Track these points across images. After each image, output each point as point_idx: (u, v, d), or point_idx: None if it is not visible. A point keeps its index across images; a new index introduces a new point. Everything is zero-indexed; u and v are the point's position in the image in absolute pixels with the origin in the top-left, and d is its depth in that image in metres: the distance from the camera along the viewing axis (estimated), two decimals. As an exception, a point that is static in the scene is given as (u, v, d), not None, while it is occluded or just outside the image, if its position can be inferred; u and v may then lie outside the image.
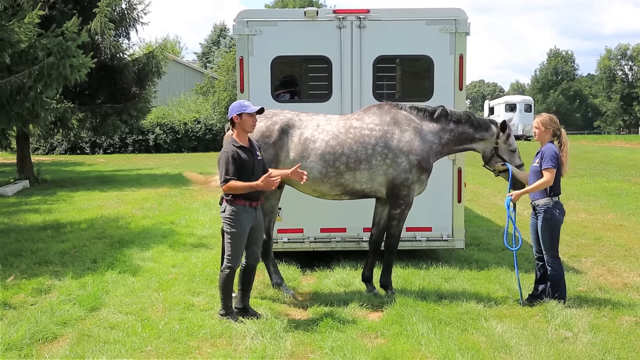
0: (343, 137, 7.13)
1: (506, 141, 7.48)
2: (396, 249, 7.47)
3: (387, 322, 6.34)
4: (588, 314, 6.63)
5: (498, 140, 7.46)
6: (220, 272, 6.45)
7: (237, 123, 6.37)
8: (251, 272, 6.61)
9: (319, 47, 8.74)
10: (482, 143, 7.53)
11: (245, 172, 6.24)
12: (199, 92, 47.06)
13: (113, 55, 19.94)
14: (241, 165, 6.22)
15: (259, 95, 8.65)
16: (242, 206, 6.28)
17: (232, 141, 6.38)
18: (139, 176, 23.35)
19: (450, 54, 8.69)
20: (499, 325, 6.25)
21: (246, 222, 6.33)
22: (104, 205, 15.12)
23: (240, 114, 6.33)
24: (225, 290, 6.42)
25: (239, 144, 6.34)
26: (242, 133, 6.41)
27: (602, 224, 12.54)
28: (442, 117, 7.42)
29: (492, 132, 7.49)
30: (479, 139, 7.51)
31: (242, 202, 6.27)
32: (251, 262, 6.55)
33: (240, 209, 6.28)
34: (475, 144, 7.55)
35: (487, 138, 7.51)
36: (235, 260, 6.35)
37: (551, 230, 6.92)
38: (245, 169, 6.25)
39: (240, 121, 6.36)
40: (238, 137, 6.40)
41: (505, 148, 7.49)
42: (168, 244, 10.26)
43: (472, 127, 7.46)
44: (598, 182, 19.59)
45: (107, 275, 8.12)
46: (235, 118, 6.35)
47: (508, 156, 7.48)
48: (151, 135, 39.52)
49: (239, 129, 6.39)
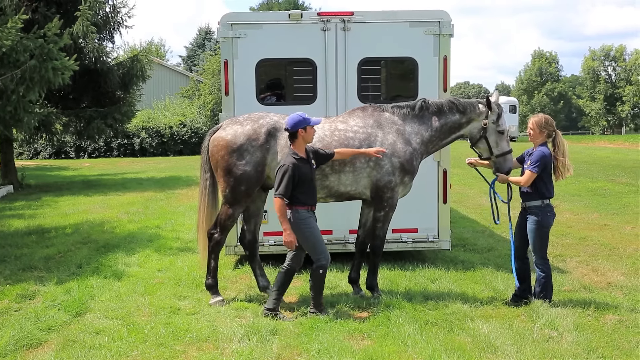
0: (328, 140, 7.14)
1: (496, 122, 7.25)
2: (382, 251, 7.49)
3: (374, 324, 6.35)
4: (573, 313, 6.68)
5: (487, 120, 7.25)
6: (313, 271, 6.62)
7: (300, 136, 6.51)
8: (292, 274, 6.79)
9: (303, 50, 8.76)
10: (469, 126, 7.32)
11: (303, 183, 6.49)
12: (184, 95, 46.92)
13: (97, 59, 19.83)
14: (299, 179, 6.46)
15: (244, 98, 8.65)
16: (305, 211, 6.54)
17: (292, 153, 6.54)
18: (124, 180, 23.21)
19: (434, 56, 8.74)
20: (484, 326, 6.28)
21: (313, 223, 6.59)
22: (89, 210, 15.03)
23: (304, 128, 6.48)
24: (318, 289, 6.65)
25: (299, 156, 6.51)
26: (302, 145, 6.58)
27: (586, 224, 12.64)
28: (424, 111, 7.36)
29: (479, 111, 7.30)
30: (467, 122, 7.33)
31: (304, 208, 6.53)
32: (294, 265, 6.73)
33: (304, 213, 6.53)
34: (463, 129, 7.37)
35: (474, 118, 7.30)
36: (324, 255, 6.58)
37: (541, 232, 6.94)
38: (303, 181, 6.49)
39: (304, 134, 6.52)
40: (298, 149, 6.56)
41: (493, 129, 7.23)
42: (154, 248, 10.22)
43: (459, 113, 7.31)
44: (582, 182, 19.74)
45: (92, 280, 8.07)
46: (300, 131, 6.48)
47: (496, 138, 7.22)
48: (136, 139, 39.32)
49: (300, 141, 6.55)
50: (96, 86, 20.54)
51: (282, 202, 6.39)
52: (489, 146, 7.26)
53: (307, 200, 6.55)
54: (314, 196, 6.67)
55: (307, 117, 6.53)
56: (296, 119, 6.49)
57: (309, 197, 6.56)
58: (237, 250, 8.80)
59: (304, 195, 6.51)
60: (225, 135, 7.13)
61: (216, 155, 7.14)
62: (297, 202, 6.50)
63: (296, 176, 6.42)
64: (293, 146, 6.58)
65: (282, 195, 6.38)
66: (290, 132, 6.54)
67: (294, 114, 6.59)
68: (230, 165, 7.05)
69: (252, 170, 7.04)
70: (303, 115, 6.56)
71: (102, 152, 39.25)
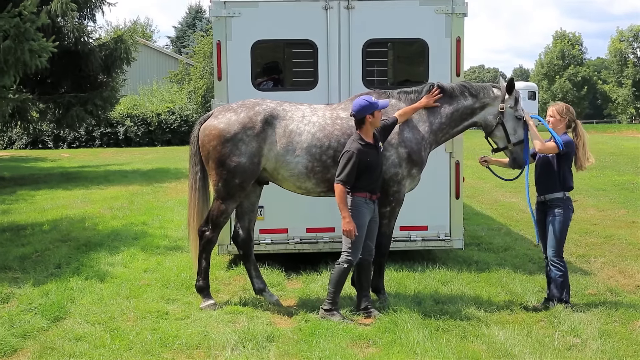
0: (330, 129, 7.13)
1: (514, 106, 7.22)
2: (388, 250, 7.50)
3: (380, 330, 6.36)
4: (598, 319, 6.68)
5: (504, 105, 7.22)
6: (337, 264, 6.75)
7: (368, 122, 6.60)
8: (368, 267, 6.96)
9: (303, 31, 8.73)
10: (483, 112, 7.31)
11: (368, 171, 6.61)
12: (173, 80, 46.91)
13: (77, 40, 19.78)
14: (366, 167, 6.58)
15: (238, 83, 8.63)
16: (362, 199, 6.65)
17: (358, 139, 6.63)
18: (107, 172, 23.23)
19: (446, 37, 8.71)
20: (501, 332, 6.29)
21: (367, 215, 6.71)
22: (69, 205, 15.03)
23: (372, 113, 6.56)
24: (338, 285, 6.79)
25: (365, 142, 6.61)
26: (370, 130, 6.66)
27: (612, 221, 12.64)
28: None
29: (494, 95, 7.28)
30: (480, 107, 7.31)
31: (362, 195, 6.65)
32: (366, 256, 6.88)
33: (360, 202, 6.65)
34: (476, 116, 7.35)
35: (489, 103, 7.28)
36: (356, 253, 6.73)
37: (562, 226, 7.04)
38: (369, 169, 6.61)
39: (372, 119, 6.61)
40: (366, 135, 6.64)
41: (511, 114, 7.20)
42: (140, 247, 10.23)
43: (471, 97, 7.30)
44: (608, 175, 19.74)
45: (72, 281, 8.08)
46: (368, 117, 6.56)
47: (514, 125, 7.21)
48: (121, 128, 39.30)
49: (368, 127, 6.63)
50: (76, 69, 20.48)
51: (343, 188, 6.52)
52: (506, 134, 7.25)
53: (367, 186, 6.66)
54: (376, 183, 6.76)
55: (374, 101, 6.62)
56: (363, 104, 6.57)
57: (370, 183, 6.67)
58: (230, 249, 8.81)
59: (364, 182, 6.62)
60: (218, 123, 7.12)
61: (207, 145, 7.13)
62: (355, 189, 6.61)
63: (362, 163, 6.52)
64: (360, 131, 6.66)
65: (344, 182, 6.51)
66: (357, 119, 6.62)
67: (359, 98, 6.71)
68: (223, 156, 7.04)
69: (247, 161, 7.03)
70: (369, 99, 6.63)
71: (82, 141, 39.22)
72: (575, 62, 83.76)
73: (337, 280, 6.76)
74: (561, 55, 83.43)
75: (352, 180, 6.53)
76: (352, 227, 6.51)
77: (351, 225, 6.51)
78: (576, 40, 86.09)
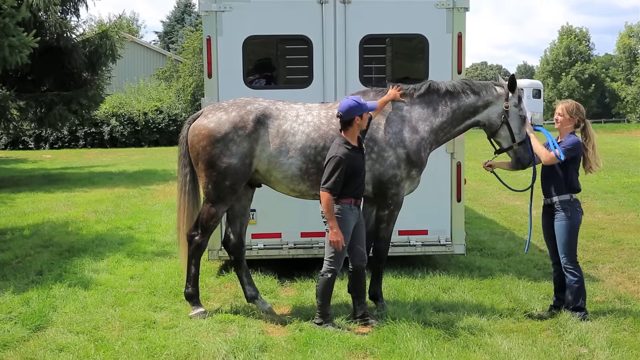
0: (325, 129, 7.13)
1: (518, 105, 7.28)
2: (386, 255, 7.50)
3: (378, 339, 6.36)
4: (606, 327, 6.69)
5: (507, 103, 7.26)
6: (320, 276, 6.72)
7: (356, 124, 6.58)
8: (362, 273, 6.91)
9: (297, 26, 8.73)
10: (487, 110, 7.35)
11: (353, 176, 6.60)
12: (160, 77, 46.86)
13: (60, 35, 19.74)
14: (352, 172, 6.57)
15: (229, 81, 8.63)
16: (347, 205, 6.64)
17: (343, 142, 6.59)
18: (91, 174, 23.21)
19: (447, 33, 8.72)
20: (504, 342, 6.29)
21: (352, 222, 6.71)
22: (51, 209, 15.01)
23: (361, 115, 6.56)
24: (325, 296, 6.76)
25: (351, 146, 6.59)
26: (356, 133, 6.65)
27: (621, 225, 12.66)
28: (433, 94, 7.37)
29: (497, 94, 7.33)
30: (483, 105, 7.35)
31: (347, 201, 6.64)
32: (358, 262, 6.86)
33: (346, 208, 6.62)
34: (479, 114, 7.38)
35: (492, 101, 7.33)
36: (338, 263, 6.70)
37: (571, 230, 7.02)
38: (354, 174, 6.61)
39: (360, 121, 6.60)
40: (351, 138, 6.63)
41: (515, 113, 7.26)
42: (126, 253, 10.23)
43: (474, 95, 7.33)
44: (617, 177, 19.79)
45: (54, 289, 8.06)
46: (357, 119, 6.55)
47: (518, 124, 7.26)
48: (106, 128, 39.24)
49: (355, 129, 6.63)
50: (59, 66, 20.46)
51: (330, 196, 6.48)
52: (511, 133, 7.29)
53: (352, 192, 6.65)
54: (361, 188, 6.77)
55: (362, 103, 6.60)
56: (352, 105, 6.55)
57: (354, 189, 6.66)
58: (221, 255, 8.80)
59: (349, 188, 6.61)
60: (208, 123, 7.11)
61: (197, 146, 7.12)
62: (340, 195, 6.59)
63: (349, 169, 6.51)
64: (345, 134, 6.63)
65: (330, 190, 6.47)
66: (343, 120, 6.59)
67: (347, 98, 6.68)
68: (214, 157, 7.03)
69: (238, 163, 7.03)
70: (358, 100, 6.62)
71: (65, 142, 39.18)
72: (582, 58, 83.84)
73: (324, 291, 6.74)
74: (567, 52, 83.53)
75: (339, 188, 6.50)
76: (340, 238, 6.49)
77: (339, 236, 6.48)
78: (583, 36, 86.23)
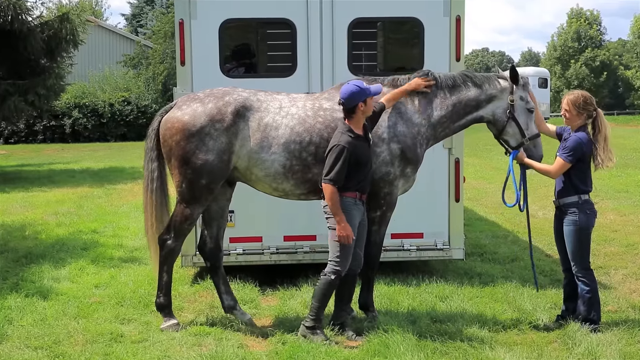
0: (311, 122, 7.15)
1: (525, 98, 7.30)
2: (378, 261, 7.53)
3: (369, 353, 6.39)
4: (619, 339, 6.72)
5: (513, 97, 7.27)
6: (323, 275, 6.75)
7: (360, 111, 6.59)
8: (353, 279, 7.03)
9: (280, 8, 8.75)
10: (491, 105, 7.36)
11: (358, 167, 6.63)
12: (128, 64, 46.69)
13: (14, 18, 19.64)
14: (355, 162, 6.58)
15: (204, 68, 8.63)
16: (352, 199, 6.69)
17: (347, 130, 6.60)
18: (51, 172, 23.10)
19: (444, 16, 8.75)
20: (507, 355, 6.33)
21: (357, 218, 6.75)
22: (6, 210, 14.96)
23: (365, 100, 6.55)
24: (323, 300, 6.80)
25: (355, 134, 6.60)
26: (360, 120, 6.66)
27: (636, 227, 12.73)
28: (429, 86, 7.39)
29: (502, 87, 7.34)
30: (486, 99, 7.35)
31: (352, 195, 6.68)
32: (354, 267, 6.92)
33: (350, 203, 6.66)
34: (482, 109, 7.38)
35: (496, 95, 7.33)
36: (345, 263, 6.73)
37: (580, 235, 7.00)
38: (358, 164, 6.63)
39: (364, 108, 6.60)
40: (355, 126, 6.63)
41: (522, 107, 7.28)
42: (90, 259, 10.19)
43: (475, 87, 7.34)
44: (631, 174, 19.89)
45: (10, 299, 8.03)
46: (360, 106, 6.56)
47: (526, 119, 7.28)
48: (67, 120, 39.12)
49: (359, 116, 6.63)
50: (13, 53, 20.36)
51: (334, 189, 6.49)
52: (520, 129, 7.29)
53: (356, 185, 6.68)
54: (366, 181, 6.80)
55: (365, 87, 6.60)
56: (354, 90, 6.55)
57: (359, 181, 6.69)
58: (196, 260, 8.79)
59: (353, 180, 6.64)
60: (182, 115, 7.11)
61: (169, 140, 7.12)
62: (343, 188, 6.61)
63: (352, 158, 6.52)
64: (349, 122, 6.65)
65: (334, 181, 6.48)
66: (346, 108, 6.61)
67: (349, 84, 6.67)
68: (188, 153, 7.03)
69: (215, 159, 7.03)
70: (361, 84, 6.62)
71: (22, 136, 39.02)
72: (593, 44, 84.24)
73: (323, 293, 6.75)
74: (577, 37, 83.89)
75: (342, 179, 6.52)
76: (349, 232, 6.53)
77: (348, 230, 6.52)
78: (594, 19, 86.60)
